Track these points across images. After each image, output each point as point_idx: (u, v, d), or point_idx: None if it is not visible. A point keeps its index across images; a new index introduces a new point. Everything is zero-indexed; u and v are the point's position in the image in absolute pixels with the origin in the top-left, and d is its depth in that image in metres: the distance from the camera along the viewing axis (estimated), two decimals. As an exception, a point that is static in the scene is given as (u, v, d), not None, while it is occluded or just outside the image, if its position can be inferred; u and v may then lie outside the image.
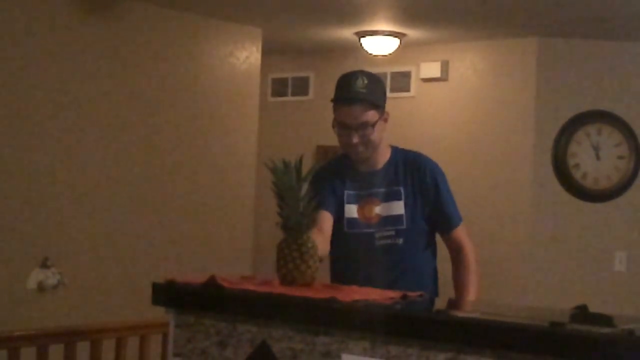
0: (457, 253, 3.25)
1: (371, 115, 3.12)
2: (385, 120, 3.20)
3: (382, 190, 3.20)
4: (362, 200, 3.22)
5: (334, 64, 7.08)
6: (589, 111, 6.37)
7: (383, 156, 3.24)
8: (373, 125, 3.12)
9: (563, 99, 6.39)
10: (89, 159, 5.49)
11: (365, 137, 3.13)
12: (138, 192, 5.74)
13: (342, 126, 3.14)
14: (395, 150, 3.29)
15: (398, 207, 3.18)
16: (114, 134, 5.62)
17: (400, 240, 3.18)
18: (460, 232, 3.26)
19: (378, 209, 3.19)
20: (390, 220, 3.18)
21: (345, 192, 3.23)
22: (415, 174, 3.22)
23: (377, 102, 3.14)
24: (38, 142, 5.24)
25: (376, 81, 3.19)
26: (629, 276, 6.35)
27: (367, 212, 3.20)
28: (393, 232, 3.18)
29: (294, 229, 2.58)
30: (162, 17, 5.87)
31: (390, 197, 3.19)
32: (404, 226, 3.17)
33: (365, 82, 3.11)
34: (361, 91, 3.10)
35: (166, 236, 5.88)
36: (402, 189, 3.19)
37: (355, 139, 3.12)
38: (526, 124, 6.41)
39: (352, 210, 3.21)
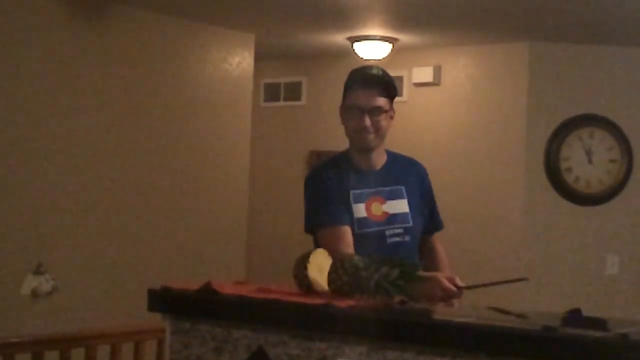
0: (434, 253, 3.39)
1: (384, 102, 3.16)
2: (391, 117, 3.23)
3: (386, 188, 3.22)
4: (368, 199, 3.20)
5: (327, 69, 7.09)
6: (581, 115, 6.39)
7: (381, 157, 3.27)
8: (385, 112, 3.16)
9: (555, 103, 6.40)
10: (82, 164, 5.48)
11: (377, 123, 3.15)
12: (131, 198, 5.74)
13: (354, 109, 3.15)
14: (390, 153, 3.33)
15: (403, 205, 3.22)
16: (107, 140, 5.61)
17: (408, 238, 3.21)
18: (436, 236, 3.43)
19: (385, 207, 3.20)
20: (398, 218, 3.20)
21: (351, 192, 3.18)
22: (414, 176, 3.31)
23: (391, 91, 3.20)
24: (31, 148, 5.23)
25: (390, 75, 3.26)
26: (621, 279, 6.37)
27: (375, 210, 3.20)
28: (401, 230, 3.20)
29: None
30: (154, 23, 5.87)
31: (394, 195, 3.22)
32: (410, 224, 3.21)
33: (381, 72, 3.20)
34: (378, 75, 3.17)
35: (160, 242, 5.88)
36: (403, 188, 3.24)
37: (367, 122, 3.13)
38: (518, 128, 6.42)
39: (360, 210, 3.17)
